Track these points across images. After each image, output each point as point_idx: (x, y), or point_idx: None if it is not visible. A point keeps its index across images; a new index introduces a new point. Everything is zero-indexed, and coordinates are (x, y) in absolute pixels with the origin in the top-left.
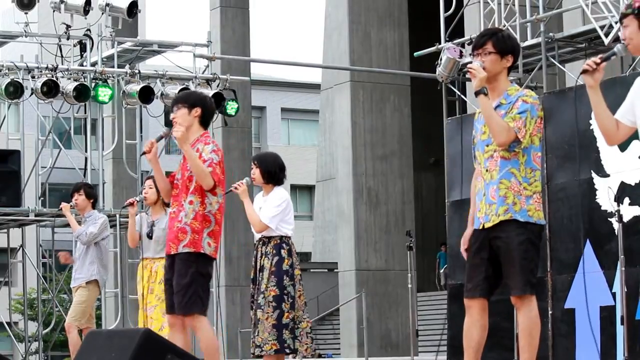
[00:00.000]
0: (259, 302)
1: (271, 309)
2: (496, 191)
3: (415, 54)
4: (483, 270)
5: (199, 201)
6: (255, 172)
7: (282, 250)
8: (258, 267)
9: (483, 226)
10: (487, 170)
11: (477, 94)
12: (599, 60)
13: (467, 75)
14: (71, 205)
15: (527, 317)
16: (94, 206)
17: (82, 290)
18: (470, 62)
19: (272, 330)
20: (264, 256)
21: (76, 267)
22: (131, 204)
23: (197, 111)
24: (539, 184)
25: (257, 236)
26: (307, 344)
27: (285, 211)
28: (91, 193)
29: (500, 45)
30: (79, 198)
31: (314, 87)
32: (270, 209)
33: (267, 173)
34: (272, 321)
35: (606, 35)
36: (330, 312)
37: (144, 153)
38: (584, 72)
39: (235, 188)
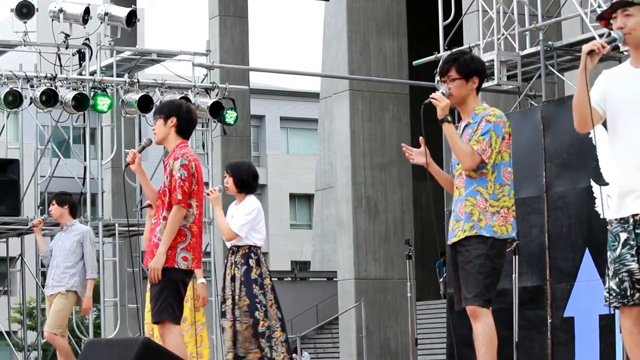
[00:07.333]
0: (235, 314)
1: (247, 319)
2: (463, 208)
3: (414, 62)
4: (458, 284)
5: None
6: (229, 181)
7: (250, 260)
8: (229, 276)
9: (452, 242)
10: (456, 188)
11: (441, 122)
12: (605, 44)
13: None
14: (44, 219)
15: (484, 327)
16: (72, 214)
17: (61, 298)
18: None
19: (252, 339)
20: (233, 265)
21: (53, 276)
22: (149, 206)
23: (172, 121)
24: (507, 198)
25: (228, 245)
26: (283, 352)
27: (256, 220)
28: (62, 200)
29: (463, 69)
30: (52, 208)
31: (313, 96)
32: (240, 218)
33: (241, 182)
34: (251, 330)
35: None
36: (330, 321)
37: (128, 164)
38: (591, 52)
39: (208, 194)
